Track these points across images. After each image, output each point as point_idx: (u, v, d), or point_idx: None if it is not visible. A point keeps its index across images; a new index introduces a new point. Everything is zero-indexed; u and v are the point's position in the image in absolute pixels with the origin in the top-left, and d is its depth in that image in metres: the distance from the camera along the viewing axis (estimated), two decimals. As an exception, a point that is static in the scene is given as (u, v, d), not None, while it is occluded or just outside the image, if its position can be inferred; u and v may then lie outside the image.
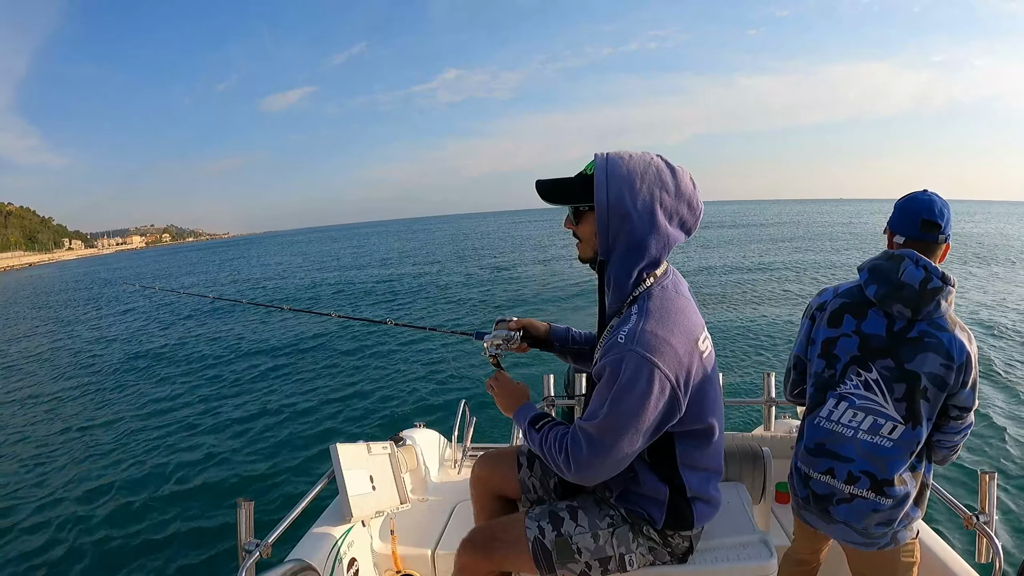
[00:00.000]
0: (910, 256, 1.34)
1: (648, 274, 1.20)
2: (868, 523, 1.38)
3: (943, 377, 1.30)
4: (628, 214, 1.13)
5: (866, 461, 1.37)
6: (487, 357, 1.55)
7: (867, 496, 1.37)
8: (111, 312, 17.05)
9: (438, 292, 16.19)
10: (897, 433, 1.34)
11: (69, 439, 6.37)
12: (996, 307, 10.59)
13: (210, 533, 4.14)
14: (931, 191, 1.42)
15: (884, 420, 1.35)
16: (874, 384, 1.36)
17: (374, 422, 6.14)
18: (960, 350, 1.30)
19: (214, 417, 6.61)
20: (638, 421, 1.11)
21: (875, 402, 1.36)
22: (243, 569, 1.37)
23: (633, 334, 1.11)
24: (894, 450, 1.35)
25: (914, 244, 1.39)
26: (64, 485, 5.20)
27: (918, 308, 1.31)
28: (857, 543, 1.42)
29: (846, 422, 1.40)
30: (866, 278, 1.40)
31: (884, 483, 1.35)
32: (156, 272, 36.17)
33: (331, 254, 40.73)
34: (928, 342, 1.31)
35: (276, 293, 19.21)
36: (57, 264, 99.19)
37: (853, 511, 1.39)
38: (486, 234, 55.71)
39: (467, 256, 28.62)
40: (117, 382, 8.59)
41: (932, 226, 1.38)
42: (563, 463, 1.19)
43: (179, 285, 25.34)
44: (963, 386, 1.32)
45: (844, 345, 1.41)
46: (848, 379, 1.40)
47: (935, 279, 1.30)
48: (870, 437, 1.37)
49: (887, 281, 1.34)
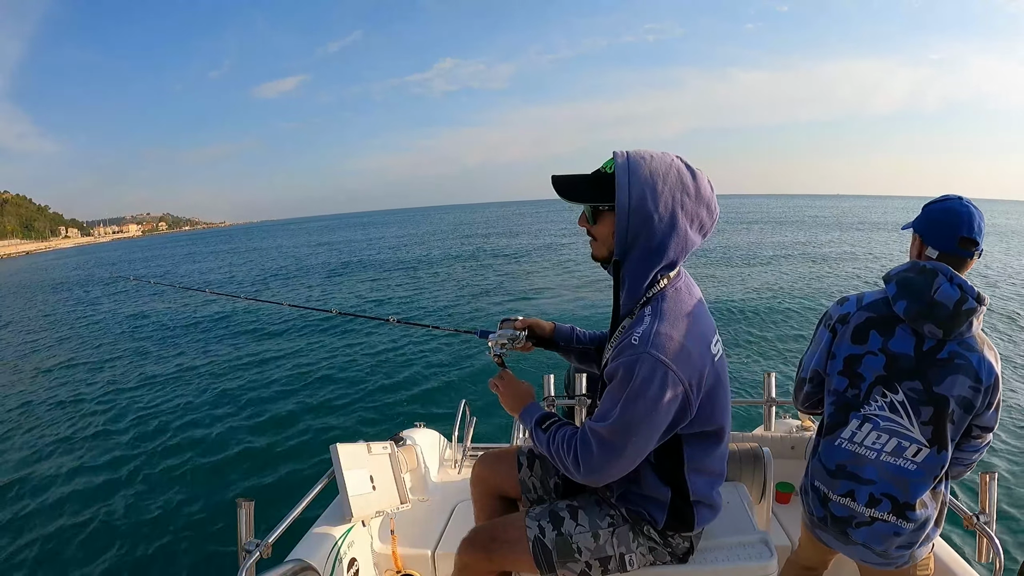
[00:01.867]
0: (944, 272, 1.26)
1: (663, 276, 1.19)
2: (888, 546, 1.34)
3: (971, 400, 1.26)
4: (650, 216, 1.11)
5: (889, 483, 1.32)
6: (491, 356, 1.54)
7: (888, 519, 1.33)
8: (109, 306, 17.00)
9: (437, 286, 16.10)
10: (922, 456, 1.30)
11: (68, 439, 6.37)
12: (996, 307, 10.58)
13: (210, 533, 4.14)
14: (967, 200, 1.32)
15: (909, 443, 1.30)
16: (900, 406, 1.30)
17: (374, 422, 6.14)
18: (989, 371, 1.26)
19: (213, 416, 6.60)
20: (650, 423, 1.11)
21: (900, 424, 1.31)
22: (243, 569, 1.37)
23: (647, 336, 1.10)
24: (918, 472, 1.30)
25: (947, 259, 1.30)
26: (63, 485, 5.19)
27: (951, 329, 1.25)
28: (875, 563, 1.38)
29: (870, 444, 1.34)
30: (895, 292, 1.31)
31: (906, 507, 1.31)
32: (157, 261, 35.79)
33: (328, 244, 40.55)
34: (959, 364, 1.25)
35: (274, 287, 19.15)
36: (55, 252, 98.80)
37: (873, 534, 1.34)
38: (483, 224, 55.46)
39: (466, 248, 28.43)
40: (116, 381, 8.58)
41: (970, 243, 1.29)
42: (572, 464, 1.18)
43: (180, 278, 25.17)
44: (988, 407, 1.29)
45: (869, 363, 1.33)
46: (873, 400, 1.33)
47: (971, 299, 1.24)
48: (894, 459, 1.32)
49: (919, 299, 1.26)
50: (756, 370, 7.09)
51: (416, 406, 6.49)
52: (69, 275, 32.10)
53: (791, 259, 19.06)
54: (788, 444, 2.21)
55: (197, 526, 4.26)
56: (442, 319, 10.86)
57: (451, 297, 14.03)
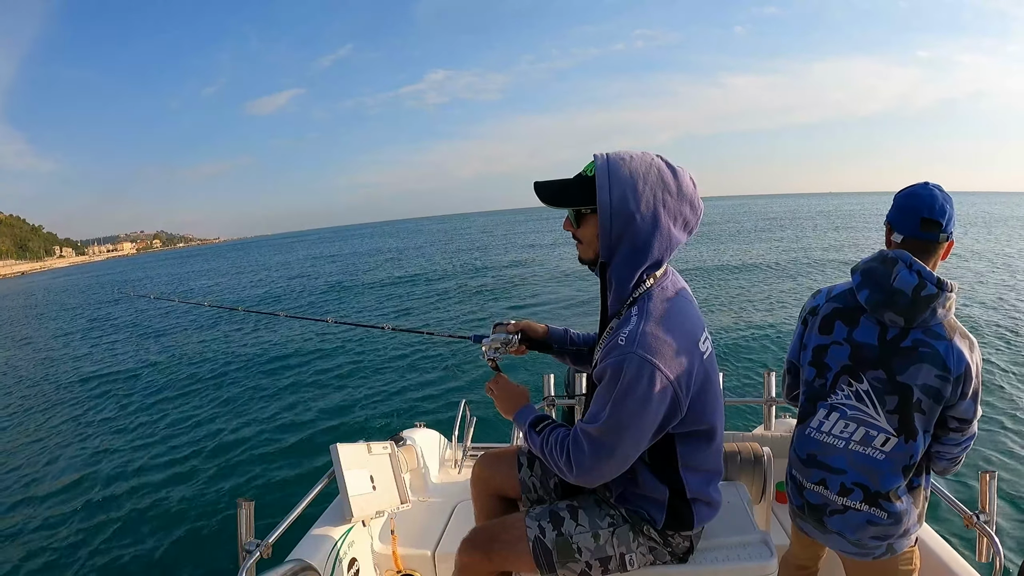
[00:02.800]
0: (904, 260, 1.26)
1: (649, 275, 1.19)
2: (862, 535, 1.35)
3: (939, 389, 1.24)
4: (632, 216, 1.12)
5: (858, 472, 1.33)
6: (486, 360, 1.54)
7: (860, 508, 1.33)
8: (110, 319, 17.05)
9: (433, 293, 16.06)
10: (890, 446, 1.30)
11: (69, 441, 6.38)
12: (995, 305, 10.58)
13: (210, 533, 4.14)
14: (933, 184, 1.33)
15: (876, 432, 1.30)
16: (865, 395, 1.31)
17: (374, 422, 6.14)
18: (958, 360, 1.23)
19: (214, 417, 6.61)
20: (640, 423, 1.11)
21: (867, 413, 1.31)
22: (243, 569, 1.37)
23: (634, 336, 1.11)
24: (887, 463, 1.30)
25: (913, 243, 1.31)
26: (64, 487, 5.20)
27: (912, 316, 1.25)
28: (851, 553, 1.38)
29: (837, 433, 1.35)
30: (858, 282, 1.32)
31: (878, 495, 1.31)
32: (156, 279, 35.71)
33: (323, 257, 40.51)
34: (923, 352, 1.24)
35: (271, 298, 19.11)
36: (49, 272, 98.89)
37: (847, 523, 1.35)
38: (478, 234, 55.40)
39: (461, 257, 28.46)
40: (119, 384, 8.60)
41: (933, 224, 1.29)
42: (564, 465, 1.19)
43: (177, 291, 25.17)
44: (962, 397, 1.26)
45: (835, 353, 1.35)
46: (839, 389, 1.35)
47: (929, 285, 1.23)
48: (862, 448, 1.32)
49: (879, 287, 1.27)
50: (756, 370, 7.09)
51: (416, 406, 6.49)
52: (73, 293, 32.13)
53: (789, 257, 19.03)
54: (788, 444, 2.21)
55: (197, 526, 4.26)
56: (437, 325, 10.85)
57: (446, 303, 13.99)
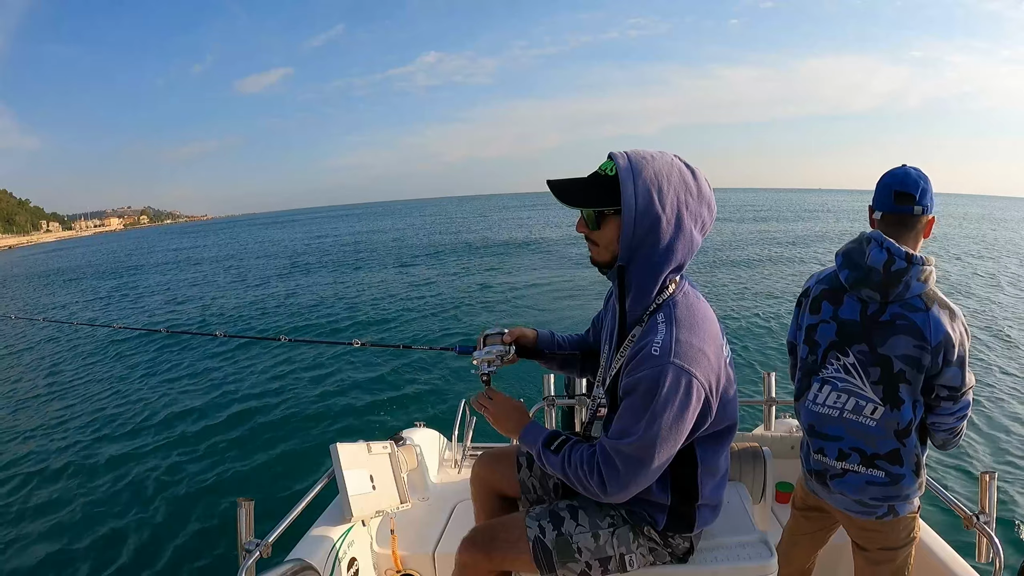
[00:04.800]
0: (876, 238, 1.35)
1: (671, 280, 1.17)
2: (863, 495, 1.43)
3: (918, 359, 1.30)
4: (658, 218, 1.09)
5: (854, 438, 1.42)
6: (479, 376, 1.46)
7: (858, 470, 1.42)
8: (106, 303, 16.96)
9: (417, 294, 14.39)
10: (879, 414, 1.38)
11: (68, 439, 6.37)
12: (995, 303, 10.59)
13: (210, 533, 4.14)
14: (909, 165, 1.41)
15: (865, 402, 1.39)
16: (852, 368, 1.40)
17: (374, 422, 6.14)
18: (936, 329, 1.29)
19: (214, 417, 6.59)
20: (677, 433, 1.10)
21: (855, 385, 1.40)
22: (243, 569, 1.37)
23: (668, 345, 1.09)
24: (878, 429, 1.39)
25: (891, 218, 1.40)
26: (63, 486, 5.19)
27: (886, 291, 1.33)
28: (855, 511, 1.46)
29: (831, 404, 1.45)
30: (840, 263, 1.42)
31: (875, 457, 1.40)
32: (147, 261, 35.04)
33: (311, 239, 39.83)
34: (900, 324, 1.32)
35: (260, 302, 18.27)
36: (39, 246, 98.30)
37: (847, 484, 1.45)
38: (464, 219, 54.84)
39: (446, 244, 27.91)
40: (117, 380, 8.58)
41: (905, 197, 1.37)
42: (597, 485, 1.15)
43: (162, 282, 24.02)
44: (946, 365, 1.31)
45: (824, 331, 1.45)
46: (829, 364, 1.45)
47: (899, 260, 1.31)
48: (855, 417, 1.41)
49: (856, 266, 1.37)
50: (756, 369, 7.09)
51: (416, 406, 6.49)
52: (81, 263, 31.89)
53: (783, 254, 18.96)
54: (788, 444, 2.21)
55: (197, 526, 4.25)
56: (417, 334, 10.24)
57: (428, 305, 12.76)
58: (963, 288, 12.55)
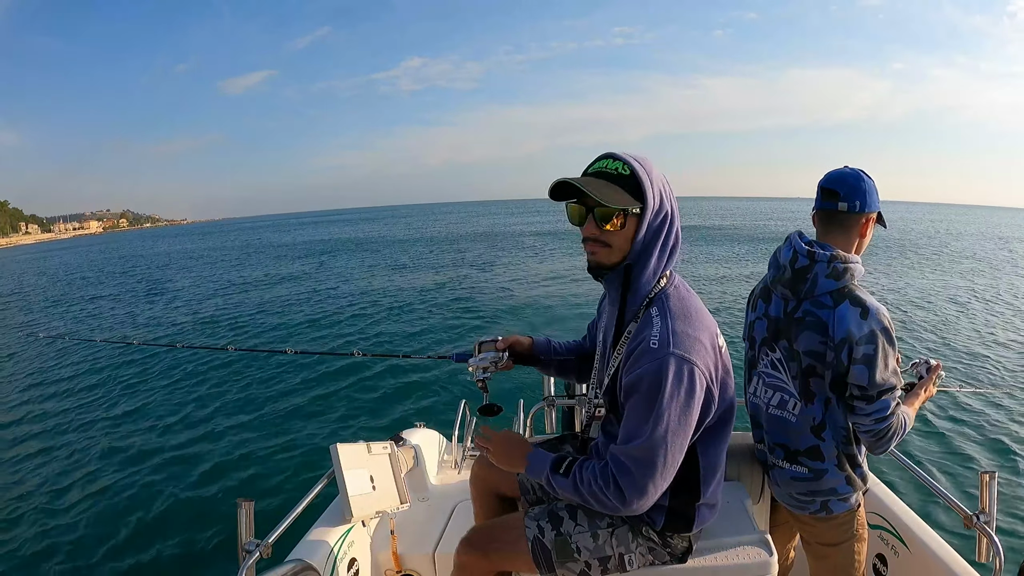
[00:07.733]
0: (791, 237, 1.42)
1: (662, 275, 1.18)
2: (791, 490, 1.48)
3: (822, 354, 1.33)
4: (671, 215, 1.14)
5: (778, 433, 1.48)
6: (475, 382, 1.53)
7: (783, 465, 1.48)
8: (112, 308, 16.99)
9: (403, 304, 13.92)
10: (798, 409, 1.42)
11: (68, 439, 6.37)
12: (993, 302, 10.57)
13: (210, 533, 4.14)
14: (851, 166, 1.42)
15: (788, 397, 1.44)
16: (778, 363, 1.46)
17: (374, 422, 6.14)
18: (839, 325, 1.30)
19: (214, 417, 6.60)
20: (685, 426, 1.09)
21: (780, 379, 1.46)
22: (243, 569, 1.37)
23: (665, 337, 1.09)
24: (798, 425, 1.43)
25: (821, 214, 1.43)
26: (63, 486, 5.19)
27: (794, 288, 1.37)
28: (790, 505, 1.52)
29: (763, 397, 1.51)
30: (769, 264, 1.49)
31: (797, 453, 1.45)
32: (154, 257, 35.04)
33: (294, 246, 39.65)
34: (808, 320, 1.35)
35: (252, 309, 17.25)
36: (17, 248, 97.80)
37: (778, 477, 1.51)
38: (448, 227, 54.70)
39: (433, 252, 27.81)
40: (119, 381, 8.59)
41: (830, 194, 1.39)
42: (615, 497, 1.12)
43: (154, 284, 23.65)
44: (852, 363, 1.30)
45: (759, 327, 1.51)
46: (762, 359, 1.50)
47: (801, 258, 1.35)
48: (779, 412, 1.47)
49: (773, 265, 1.44)
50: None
51: (416, 406, 6.49)
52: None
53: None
54: None
55: (197, 526, 4.25)
56: (414, 344, 10.16)
57: (422, 316, 12.43)
58: (961, 299, 12.55)
